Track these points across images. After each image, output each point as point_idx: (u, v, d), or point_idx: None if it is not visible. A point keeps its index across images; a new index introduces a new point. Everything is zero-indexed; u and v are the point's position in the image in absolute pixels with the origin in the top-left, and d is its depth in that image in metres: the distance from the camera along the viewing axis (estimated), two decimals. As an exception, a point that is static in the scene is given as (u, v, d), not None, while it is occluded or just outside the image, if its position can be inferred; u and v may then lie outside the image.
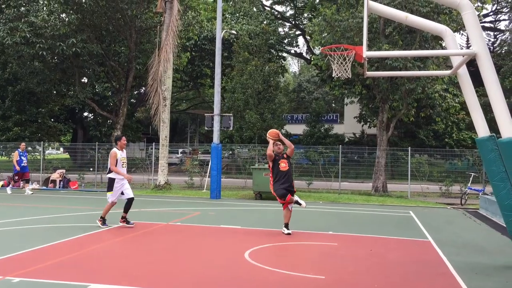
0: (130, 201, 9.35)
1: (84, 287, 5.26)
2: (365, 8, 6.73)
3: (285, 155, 9.21)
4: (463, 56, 6.97)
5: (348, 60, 7.13)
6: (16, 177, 16.87)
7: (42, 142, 22.57)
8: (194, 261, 6.79)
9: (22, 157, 16.66)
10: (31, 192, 16.60)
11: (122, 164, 9.34)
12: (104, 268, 6.22)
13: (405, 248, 8.14)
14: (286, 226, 9.02)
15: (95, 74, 25.11)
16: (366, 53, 6.77)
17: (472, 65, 9.51)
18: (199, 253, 7.32)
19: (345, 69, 7.19)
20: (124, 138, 9.66)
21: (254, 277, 5.96)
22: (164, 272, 6.07)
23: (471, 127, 27.64)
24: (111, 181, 9.23)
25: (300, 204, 8.95)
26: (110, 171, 9.26)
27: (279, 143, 9.18)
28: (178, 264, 6.60)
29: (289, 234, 8.87)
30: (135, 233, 8.83)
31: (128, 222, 9.39)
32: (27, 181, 17.03)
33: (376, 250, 7.79)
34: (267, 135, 9.24)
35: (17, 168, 16.50)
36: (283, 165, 9.03)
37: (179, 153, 38.90)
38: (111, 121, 26.95)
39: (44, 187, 19.12)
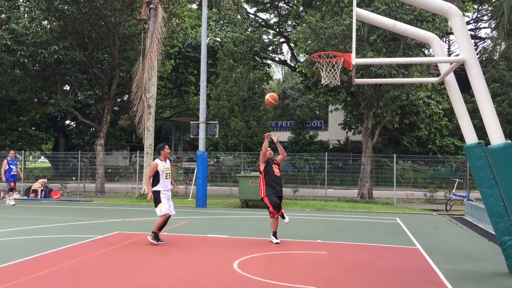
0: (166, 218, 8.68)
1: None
2: (354, 15, 6.72)
3: (275, 161, 9.11)
4: (451, 64, 6.99)
5: (337, 67, 7.10)
6: (12, 184, 16.13)
7: (23, 151, 22.14)
8: (182, 272, 6.64)
9: (12, 166, 16.12)
10: (13, 203, 16.17)
11: (166, 176, 8.55)
12: (89, 281, 6.02)
13: (394, 256, 8.11)
14: (274, 235, 8.90)
15: (77, 82, 24.74)
16: (355, 60, 6.74)
17: (454, 72, 9.57)
18: (186, 263, 7.17)
19: (333, 76, 7.16)
20: (167, 147, 8.82)
21: (244, 288, 5.84)
22: (151, 284, 5.91)
23: (454, 133, 27.98)
24: (156, 194, 8.47)
25: (284, 218, 8.87)
26: (154, 185, 8.54)
27: (270, 149, 9.03)
28: (165, 275, 6.43)
29: (277, 243, 8.75)
30: (121, 244, 8.62)
31: (158, 240, 8.59)
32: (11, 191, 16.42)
33: (365, 258, 7.73)
34: (267, 97, 8.86)
35: (3, 178, 16.00)
36: (277, 170, 8.94)
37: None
38: (94, 129, 26.55)
39: (25, 197, 18.66)
